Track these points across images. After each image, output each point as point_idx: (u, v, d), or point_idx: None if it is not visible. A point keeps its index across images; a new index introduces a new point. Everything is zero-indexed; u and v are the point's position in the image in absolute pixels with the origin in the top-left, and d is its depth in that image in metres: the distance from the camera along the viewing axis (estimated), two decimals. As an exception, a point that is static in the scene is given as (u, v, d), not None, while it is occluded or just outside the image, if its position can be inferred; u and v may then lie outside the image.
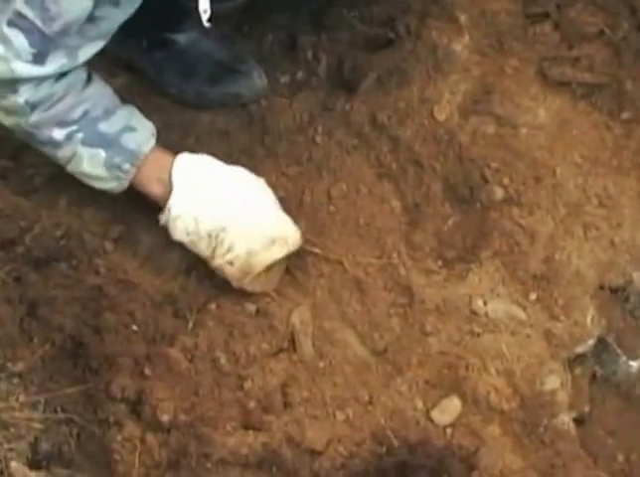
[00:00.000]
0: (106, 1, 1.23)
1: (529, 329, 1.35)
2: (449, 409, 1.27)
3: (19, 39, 1.20)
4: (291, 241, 1.37)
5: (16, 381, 1.20)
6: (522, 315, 1.36)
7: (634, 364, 1.38)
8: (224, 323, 1.34)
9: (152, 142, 1.35)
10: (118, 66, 1.60)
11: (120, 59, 1.61)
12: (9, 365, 1.21)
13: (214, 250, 1.34)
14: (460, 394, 1.29)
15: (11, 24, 1.20)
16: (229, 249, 1.33)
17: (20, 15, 1.19)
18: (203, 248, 1.34)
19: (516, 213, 1.44)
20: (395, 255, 1.44)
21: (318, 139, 1.54)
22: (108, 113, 1.33)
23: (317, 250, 1.43)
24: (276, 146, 1.54)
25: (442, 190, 1.49)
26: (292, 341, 1.33)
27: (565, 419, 1.29)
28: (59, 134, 1.31)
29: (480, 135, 1.50)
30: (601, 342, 1.39)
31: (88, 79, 1.33)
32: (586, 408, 1.36)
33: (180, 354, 1.30)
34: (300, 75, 1.65)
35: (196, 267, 1.40)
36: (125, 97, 1.42)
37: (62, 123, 1.30)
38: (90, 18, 1.23)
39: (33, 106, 1.28)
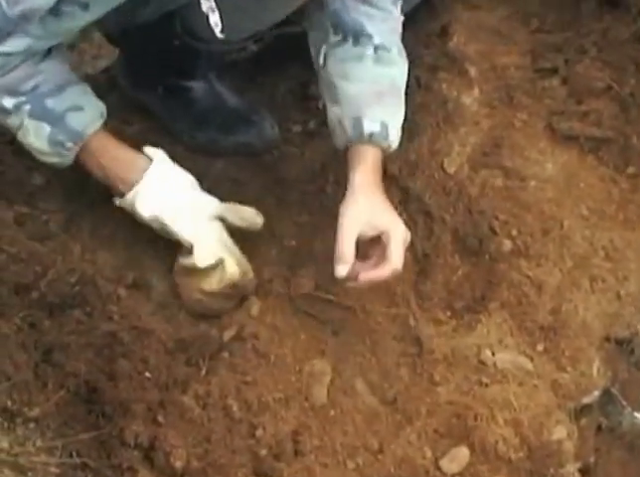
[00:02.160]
0: (75, 1, 1.30)
1: (536, 380, 1.44)
2: (458, 459, 1.36)
3: None
4: (228, 275, 1.48)
5: (32, 426, 1.28)
6: (529, 366, 1.45)
7: (639, 415, 1.46)
8: (236, 370, 1.43)
9: (98, 124, 1.43)
10: (133, 112, 1.73)
11: (135, 105, 1.75)
12: (25, 410, 1.29)
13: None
14: (469, 443, 1.38)
15: None
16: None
17: None
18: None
19: (524, 264, 1.56)
20: (404, 305, 1.54)
21: (329, 189, 1.67)
22: (58, 90, 1.41)
23: (329, 297, 1.53)
24: (288, 195, 1.66)
25: (452, 241, 1.61)
26: (304, 389, 1.42)
27: (571, 470, 1.37)
28: (8, 103, 1.40)
29: (489, 187, 1.64)
30: (607, 393, 1.47)
31: (47, 53, 1.40)
32: (592, 459, 1.43)
33: (192, 401, 1.38)
34: (312, 124, 1.79)
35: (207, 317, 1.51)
36: (139, 144, 1.54)
37: (12, 92, 1.39)
38: (55, 11, 1.30)
39: None
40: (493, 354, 1.46)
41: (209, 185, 1.57)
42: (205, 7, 1.36)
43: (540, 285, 1.53)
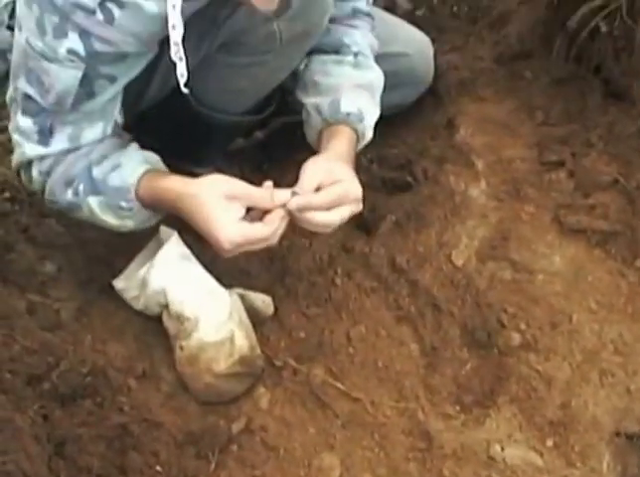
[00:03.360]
0: (102, 75, 1.43)
1: (546, 475, 1.50)
2: None
3: (27, 122, 1.48)
4: (237, 350, 1.56)
5: (48, 520, 1.38)
6: (539, 462, 1.51)
7: (648, 511, 1.49)
8: (245, 464, 1.52)
9: (140, 171, 1.50)
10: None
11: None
12: (39, 504, 1.39)
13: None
14: (478, 537, 1.47)
15: (24, 112, 1.48)
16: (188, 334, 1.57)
17: (26, 96, 1.45)
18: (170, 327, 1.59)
19: (533, 358, 1.62)
20: (413, 399, 1.61)
21: (337, 280, 1.76)
22: (103, 158, 1.52)
23: (339, 385, 1.62)
24: (296, 286, 1.76)
25: (460, 334, 1.68)
26: (313, 483, 1.50)
27: None
28: (70, 196, 1.53)
29: (497, 280, 1.71)
30: (617, 489, 1.50)
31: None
32: None
33: (203, 494, 1.47)
34: None
35: (215, 408, 1.60)
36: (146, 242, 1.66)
37: (67, 183, 1.52)
38: (88, 93, 1.44)
39: (46, 175, 1.53)
40: (502, 449, 1.52)
41: (217, 275, 1.65)
42: (173, 53, 1.40)
43: (549, 380, 1.59)
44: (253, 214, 1.47)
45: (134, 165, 1.52)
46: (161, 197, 1.49)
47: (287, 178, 1.87)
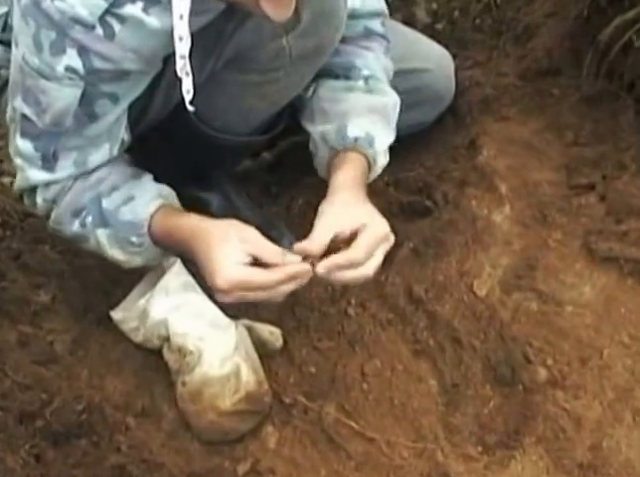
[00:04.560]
0: (103, 94, 1.44)
1: None
2: None
3: (27, 146, 1.50)
4: (243, 386, 1.57)
5: None
6: None
7: None
8: None
9: (153, 206, 1.51)
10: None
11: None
12: None
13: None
14: None
15: (23, 134, 1.50)
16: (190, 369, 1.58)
17: (23, 117, 1.47)
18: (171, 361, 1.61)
19: (560, 396, 1.62)
20: (432, 439, 1.61)
21: (351, 311, 1.77)
22: (113, 189, 1.54)
23: (352, 424, 1.63)
24: (307, 318, 1.77)
25: (482, 370, 1.69)
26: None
27: None
28: (76, 226, 1.55)
29: (522, 312, 1.71)
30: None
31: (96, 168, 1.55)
32: None
33: None
34: None
35: (220, 448, 1.61)
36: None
37: (75, 213, 1.55)
38: (90, 115, 1.46)
39: (52, 202, 1.55)
40: (528, 494, 1.53)
41: (223, 305, 1.62)
42: (179, 67, 1.39)
43: (578, 419, 1.59)
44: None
45: (148, 199, 1.54)
46: (174, 234, 1.51)
47: (297, 201, 1.99)
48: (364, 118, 1.62)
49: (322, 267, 1.43)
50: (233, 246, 1.42)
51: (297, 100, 1.71)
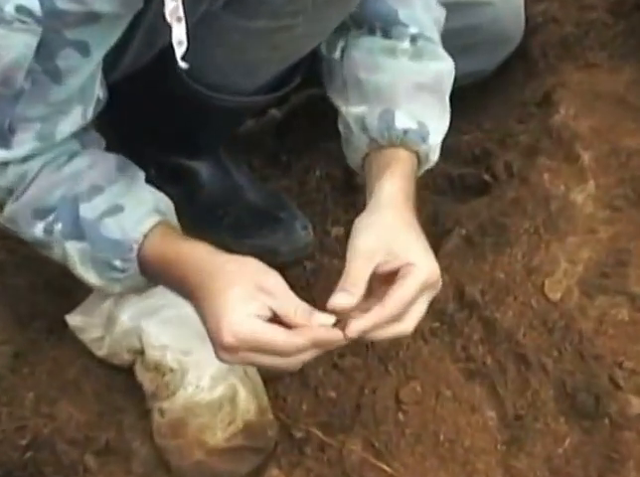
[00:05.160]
0: (68, 43, 1.40)
1: None
2: None
3: None
4: (240, 415, 1.60)
5: None
6: None
7: None
8: None
9: (148, 224, 1.49)
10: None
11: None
12: None
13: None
14: None
15: None
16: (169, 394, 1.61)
17: None
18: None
19: None
20: None
21: None
22: (94, 191, 1.51)
23: (384, 467, 1.65)
24: None
25: (555, 397, 1.68)
26: None
27: None
28: (39, 230, 1.53)
29: (609, 322, 1.70)
30: None
31: (74, 154, 1.53)
32: None
33: None
34: None
35: None
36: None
37: (40, 213, 1.52)
38: (53, 73, 1.42)
39: (7, 192, 1.53)
40: None
41: None
42: (168, 11, 1.37)
43: None
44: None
45: (142, 213, 1.52)
46: (172, 265, 1.48)
47: (314, 173, 2.04)
48: (415, 102, 1.62)
49: (354, 331, 1.39)
50: (248, 293, 1.39)
51: (321, 63, 1.71)
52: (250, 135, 2.05)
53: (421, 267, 1.44)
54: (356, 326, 1.38)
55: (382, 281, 1.43)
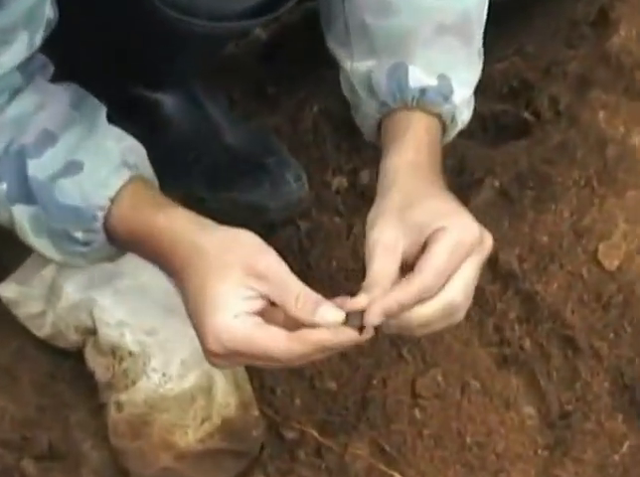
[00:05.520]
0: None
1: None
2: None
3: None
4: (218, 410, 1.59)
5: None
6: None
7: None
8: None
9: (118, 181, 1.44)
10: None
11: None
12: None
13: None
14: None
15: None
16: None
17: None
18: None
19: None
20: None
21: None
22: (45, 141, 1.46)
23: (395, 474, 1.64)
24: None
25: (610, 390, 1.68)
26: None
27: None
28: None
29: None
30: None
31: (21, 86, 1.47)
32: None
33: None
34: (364, 176, 1.89)
35: None
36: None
37: None
38: None
39: None
40: None
41: None
42: None
43: None
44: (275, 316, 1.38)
45: (107, 170, 1.45)
46: (148, 236, 1.43)
47: (310, 109, 2.00)
48: (434, 49, 1.55)
49: (376, 314, 1.33)
50: (237, 283, 1.35)
51: (320, 4, 1.65)
52: (230, 61, 2.03)
53: (450, 228, 1.39)
54: (376, 309, 1.33)
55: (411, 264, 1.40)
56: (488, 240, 1.43)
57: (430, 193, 1.45)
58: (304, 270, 1.79)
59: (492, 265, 1.76)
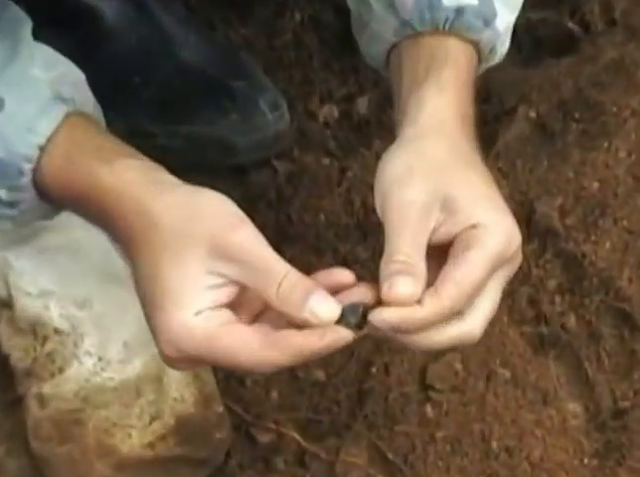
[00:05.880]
0: None
1: None
2: None
3: None
4: (171, 406, 1.59)
5: None
6: None
7: None
8: None
9: (47, 126, 1.39)
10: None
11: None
12: None
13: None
14: None
15: None
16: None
17: None
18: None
19: None
20: None
21: None
22: None
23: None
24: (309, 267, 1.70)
25: None
26: None
27: None
28: None
29: None
30: None
31: None
32: None
33: None
34: (362, 104, 1.82)
35: None
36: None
37: None
38: None
39: None
40: None
41: None
42: None
43: None
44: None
45: (36, 108, 1.39)
46: (88, 195, 1.37)
47: (292, 20, 2.02)
48: None
49: (385, 320, 1.25)
50: (200, 267, 1.28)
51: None
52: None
53: (493, 232, 1.31)
54: (393, 315, 1.25)
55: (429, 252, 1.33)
56: (520, 256, 1.35)
57: (472, 166, 1.39)
58: (283, 226, 1.81)
59: (526, 220, 1.78)
